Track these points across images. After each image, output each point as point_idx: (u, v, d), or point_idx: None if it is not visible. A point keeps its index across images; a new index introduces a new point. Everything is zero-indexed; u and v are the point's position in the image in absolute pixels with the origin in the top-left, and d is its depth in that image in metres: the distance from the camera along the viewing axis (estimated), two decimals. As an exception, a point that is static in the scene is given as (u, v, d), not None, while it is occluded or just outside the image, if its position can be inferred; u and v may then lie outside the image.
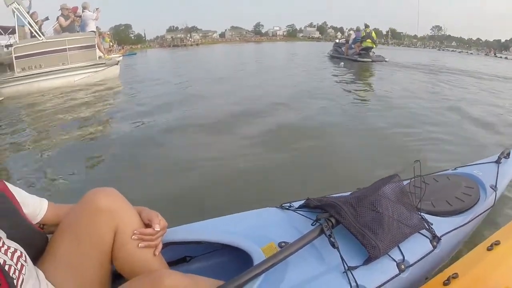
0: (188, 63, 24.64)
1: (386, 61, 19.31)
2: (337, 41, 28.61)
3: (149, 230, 1.44)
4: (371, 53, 19.24)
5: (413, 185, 2.09)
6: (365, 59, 18.66)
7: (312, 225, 1.68)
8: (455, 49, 73.01)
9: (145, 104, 8.50)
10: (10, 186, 1.32)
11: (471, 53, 61.99)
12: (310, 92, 9.52)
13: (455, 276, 1.55)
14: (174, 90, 10.89)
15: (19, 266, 1.14)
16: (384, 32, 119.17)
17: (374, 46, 19.41)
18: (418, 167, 2.08)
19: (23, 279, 1.13)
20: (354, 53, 19.51)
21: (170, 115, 7.07)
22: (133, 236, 1.42)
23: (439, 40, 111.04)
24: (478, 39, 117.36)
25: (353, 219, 1.66)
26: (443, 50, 67.61)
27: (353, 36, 21.15)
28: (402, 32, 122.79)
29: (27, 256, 1.23)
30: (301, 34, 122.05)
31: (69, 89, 11.20)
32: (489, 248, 1.73)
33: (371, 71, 15.67)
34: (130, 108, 8.14)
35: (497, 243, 1.75)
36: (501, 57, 53.32)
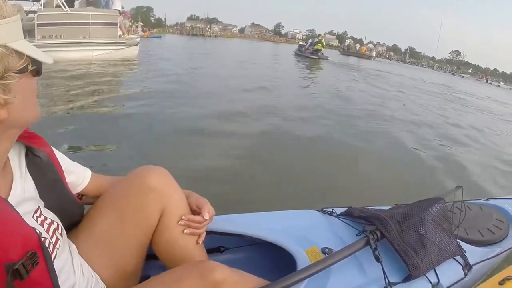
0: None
1: (328, 59, 29.01)
2: (300, 43, 41.17)
3: (198, 218, 1.38)
4: (319, 54, 29.15)
5: (450, 210, 2.06)
6: (313, 56, 28.60)
7: (357, 235, 1.68)
8: (446, 70, 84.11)
9: (164, 89, 8.45)
10: (55, 152, 1.21)
11: (463, 76, 68.61)
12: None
13: None
14: (193, 77, 10.94)
15: (54, 239, 1.06)
16: (403, 50, 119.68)
17: (322, 48, 30.05)
18: (459, 193, 2.11)
19: (56, 253, 1.05)
20: (309, 52, 29.69)
21: (199, 102, 7.19)
22: (181, 222, 1.36)
23: (456, 65, 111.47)
24: (495, 69, 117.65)
25: (398, 236, 1.64)
26: (435, 70, 78.95)
27: (310, 40, 33.27)
28: (420, 52, 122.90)
29: (63, 229, 1.16)
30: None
31: (86, 63, 11.20)
32: (501, 283, 1.70)
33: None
34: (147, 90, 8.15)
35: (509, 278, 1.71)
36: (491, 83, 56.50)
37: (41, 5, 11.94)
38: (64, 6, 11.53)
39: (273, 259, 1.74)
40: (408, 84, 20.03)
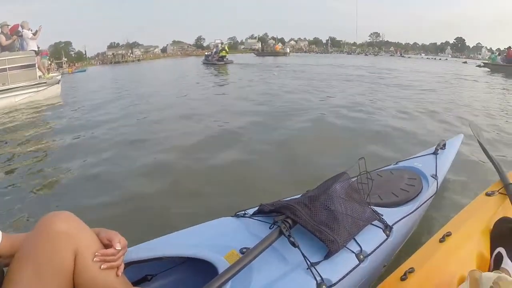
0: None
1: (232, 62, 32.53)
2: (206, 53, 43.55)
3: (110, 250, 1.40)
4: (225, 59, 32.42)
5: (359, 182, 2.16)
6: (220, 63, 31.61)
7: (270, 228, 1.72)
8: (360, 52, 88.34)
9: (87, 121, 8.47)
10: None
11: (376, 55, 75.30)
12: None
13: (411, 270, 1.60)
14: (116, 106, 10.89)
15: None
16: (324, 41, 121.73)
17: (227, 54, 33.45)
18: (362, 164, 2.18)
19: None
20: (215, 60, 32.53)
21: (112, 131, 7.03)
22: (95, 258, 1.36)
23: (377, 46, 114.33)
24: (415, 43, 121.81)
25: (309, 218, 1.72)
26: (349, 54, 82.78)
27: (214, 49, 36.83)
28: (341, 40, 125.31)
29: None
30: (242, 46, 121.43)
31: (10, 110, 10.71)
32: (441, 240, 1.81)
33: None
34: (72, 127, 7.94)
35: (448, 234, 1.83)
36: (403, 56, 65.78)
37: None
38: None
39: (201, 275, 1.75)
40: (308, 71, 22.50)
